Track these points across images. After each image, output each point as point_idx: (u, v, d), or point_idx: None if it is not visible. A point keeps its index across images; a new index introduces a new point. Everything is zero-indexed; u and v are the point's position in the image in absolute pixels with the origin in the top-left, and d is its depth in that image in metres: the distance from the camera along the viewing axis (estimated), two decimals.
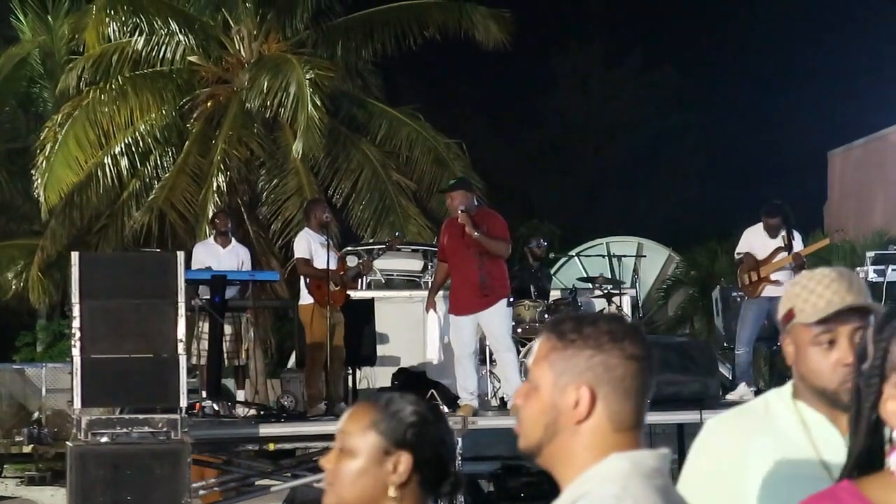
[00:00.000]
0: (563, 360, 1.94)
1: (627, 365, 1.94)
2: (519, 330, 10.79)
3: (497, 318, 9.59)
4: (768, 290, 10.67)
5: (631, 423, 1.93)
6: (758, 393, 11.28)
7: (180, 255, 8.60)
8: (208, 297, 10.50)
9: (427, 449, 2.23)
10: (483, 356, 10.62)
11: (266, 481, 9.60)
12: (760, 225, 10.88)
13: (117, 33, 17.10)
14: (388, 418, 2.23)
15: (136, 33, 17.05)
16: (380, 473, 2.21)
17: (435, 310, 10.12)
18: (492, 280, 9.56)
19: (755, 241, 10.86)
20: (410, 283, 13.48)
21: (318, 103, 15.69)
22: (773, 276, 10.65)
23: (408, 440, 2.22)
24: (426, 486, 2.24)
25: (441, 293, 12.53)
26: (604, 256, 15.97)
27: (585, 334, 1.94)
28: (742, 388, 10.79)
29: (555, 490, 1.96)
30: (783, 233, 10.70)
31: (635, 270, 16.07)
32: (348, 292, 10.61)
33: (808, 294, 2.37)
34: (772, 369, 14.69)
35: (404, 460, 2.21)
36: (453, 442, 2.32)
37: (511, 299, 9.90)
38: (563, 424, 1.92)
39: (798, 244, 10.72)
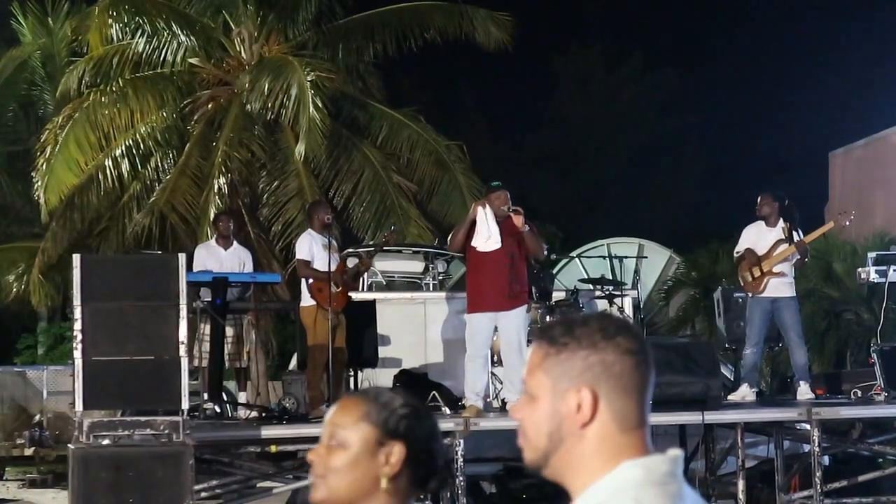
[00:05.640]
0: (559, 365, 1.89)
1: (625, 360, 1.88)
2: None
3: (518, 321, 9.71)
4: (771, 288, 10.66)
5: (636, 421, 1.89)
6: (759, 395, 11.30)
7: (182, 257, 8.61)
8: (210, 299, 10.51)
9: (419, 441, 2.21)
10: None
11: (268, 483, 9.60)
12: (759, 222, 10.88)
13: (119, 35, 17.10)
14: (380, 409, 2.20)
15: (138, 35, 17.04)
16: (372, 465, 2.18)
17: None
18: (519, 283, 9.70)
19: (754, 236, 10.86)
20: (412, 284, 13.48)
21: (320, 105, 15.69)
22: (775, 269, 10.64)
23: (400, 431, 2.19)
24: (415, 480, 2.21)
25: (445, 295, 12.57)
26: (605, 258, 15.96)
27: (577, 336, 1.89)
28: (744, 389, 10.78)
29: (557, 491, 1.94)
30: (782, 224, 10.68)
31: (636, 272, 16.06)
32: (350, 294, 10.62)
33: None
34: (773, 371, 14.69)
35: (397, 451, 2.18)
36: (441, 437, 2.29)
37: None
38: (568, 430, 1.87)
39: (799, 236, 10.70)
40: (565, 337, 1.90)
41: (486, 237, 9.68)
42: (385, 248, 11.89)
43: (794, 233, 10.64)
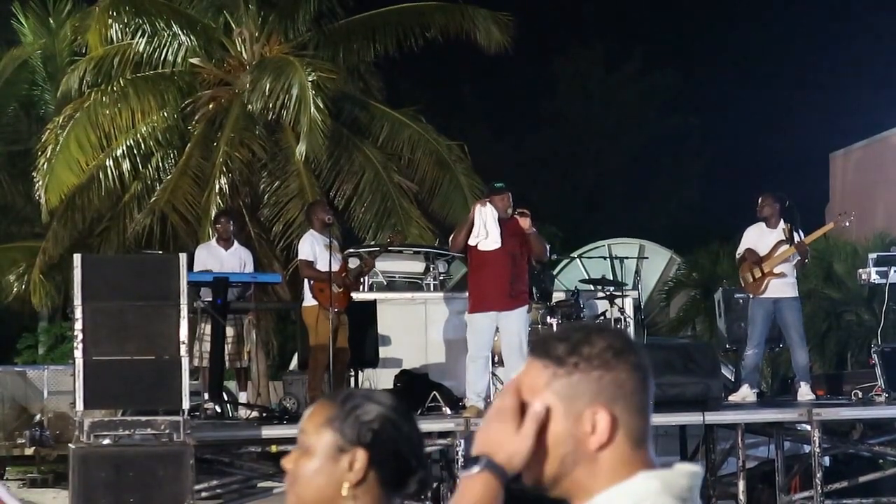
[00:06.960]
0: (571, 387, 1.81)
1: (635, 378, 1.83)
2: None
3: (519, 321, 9.75)
4: (772, 289, 10.67)
5: (645, 437, 1.84)
6: (760, 395, 11.31)
7: (182, 257, 8.62)
8: (210, 299, 10.52)
9: (386, 446, 2.15)
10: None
11: (268, 483, 9.61)
12: (760, 223, 10.90)
13: (120, 35, 17.10)
14: (344, 415, 2.16)
15: (139, 35, 17.05)
16: (335, 472, 2.13)
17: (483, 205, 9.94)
18: (520, 283, 9.73)
19: (755, 237, 10.86)
20: (412, 284, 13.48)
21: (321, 105, 15.69)
22: (776, 270, 10.64)
23: (363, 437, 2.14)
24: (387, 485, 2.16)
25: (444, 295, 12.58)
26: (605, 258, 15.98)
27: (586, 355, 1.82)
28: (744, 390, 10.79)
29: None
30: (783, 225, 10.69)
31: (637, 272, 16.08)
32: (351, 294, 10.62)
33: None
34: (774, 372, 14.70)
35: (359, 457, 2.13)
36: (420, 440, 2.23)
37: None
38: (583, 453, 1.81)
39: (799, 237, 10.71)
40: (573, 356, 1.82)
41: (484, 237, 9.71)
42: (389, 248, 11.90)
43: (795, 234, 10.65)
